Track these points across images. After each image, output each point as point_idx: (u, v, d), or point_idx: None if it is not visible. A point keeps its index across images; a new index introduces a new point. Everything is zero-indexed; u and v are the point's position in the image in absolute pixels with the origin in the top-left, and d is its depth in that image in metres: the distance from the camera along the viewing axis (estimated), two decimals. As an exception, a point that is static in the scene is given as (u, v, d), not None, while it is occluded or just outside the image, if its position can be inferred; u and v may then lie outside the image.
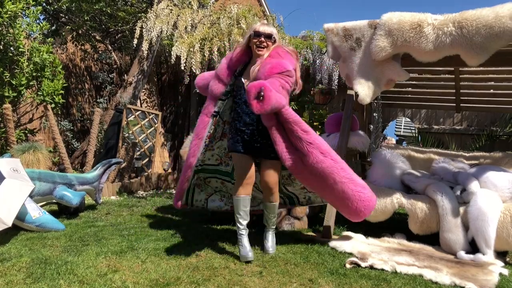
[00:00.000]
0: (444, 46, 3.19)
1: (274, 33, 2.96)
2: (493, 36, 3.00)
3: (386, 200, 3.63)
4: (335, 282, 2.50)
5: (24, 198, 3.23)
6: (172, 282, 2.35)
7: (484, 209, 3.17)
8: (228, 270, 2.60)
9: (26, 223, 3.37)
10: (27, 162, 4.97)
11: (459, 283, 2.56)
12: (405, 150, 4.75)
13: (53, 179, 3.93)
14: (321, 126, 6.80)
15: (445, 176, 3.88)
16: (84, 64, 8.46)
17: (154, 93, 8.20)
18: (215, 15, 5.85)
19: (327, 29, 3.74)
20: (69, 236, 3.29)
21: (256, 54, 2.96)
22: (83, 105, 8.22)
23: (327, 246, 3.28)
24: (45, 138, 7.02)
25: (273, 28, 3.01)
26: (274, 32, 2.98)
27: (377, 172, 4.08)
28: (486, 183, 3.47)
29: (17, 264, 2.54)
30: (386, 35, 3.36)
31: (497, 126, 6.43)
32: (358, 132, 4.32)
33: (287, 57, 2.93)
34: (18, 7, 5.28)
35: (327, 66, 6.82)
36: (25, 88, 5.60)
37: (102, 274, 2.42)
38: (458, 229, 3.28)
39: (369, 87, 3.50)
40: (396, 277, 2.64)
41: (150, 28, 5.57)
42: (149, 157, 6.91)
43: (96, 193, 4.48)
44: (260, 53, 2.93)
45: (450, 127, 6.84)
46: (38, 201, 3.76)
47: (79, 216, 4.13)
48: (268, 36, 2.93)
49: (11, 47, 5.50)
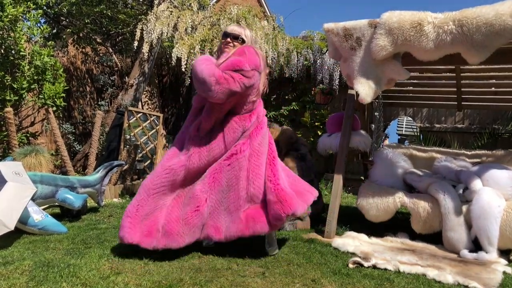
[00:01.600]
0: (445, 44, 3.18)
1: (242, 34, 3.01)
2: (493, 33, 2.99)
3: (389, 199, 3.62)
4: (338, 282, 2.49)
5: (26, 201, 3.24)
6: (175, 284, 2.35)
7: (486, 208, 3.16)
8: (231, 271, 2.60)
9: (28, 226, 3.38)
10: (29, 165, 4.98)
11: (463, 281, 2.56)
12: (407, 149, 4.74)
13: (55, 182, 3.94)
14: (323, 126, 6.80)
15: (447, 175, 3.87)
16: (85, 67, 8.47)
17: (155, 95, 8.20)
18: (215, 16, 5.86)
19: (327, 29, 3.74)
20: (71, 239, 3.29)
21: (223, 52, 3.00)
22: (85, 107, 8.23)
23: (330, 246, 3.27)
24: (47, 141, 7.03)
25: (244, 30, 3.05)
26: (244, 33, 3.02)
27: (379, 171, 4.07)
28: (488, 181, 3.46)
29: (20, 267, 2.54)
30: (386, 34, 3.35)
31: (499, 124, 6.42)
32: (359, 132, 4.31)
33: (251, 57, 2.87)
34: (19, 11, 5.29)
35: (328, 66, 6.82)
36: (27, 91, 5.60)
37: (105, 276, 2.42)
38: (461, 228, 3.27)
39: (369, 86, 3.50)
40: (399, 277, 2.64)
41: (151, 30, 5.58)
42: (151, 159, 6.91)
43: (98, 196, 4.48)
44: (225, 50, 2.98)
45: (452, 126, 6.83)
46: (40, 204, 3.77)
47: (82, 218, 4.13)
48: (235, 36, 2.99)
49: (12, 51, 5.51)
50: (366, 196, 3.73)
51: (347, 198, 5.94)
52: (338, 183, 3.75)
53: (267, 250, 3.02)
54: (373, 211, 3.67)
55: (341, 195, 3.94)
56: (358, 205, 3.78)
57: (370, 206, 3.68)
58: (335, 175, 3.80)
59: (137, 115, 6.77)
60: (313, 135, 7.01)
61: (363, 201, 3.73)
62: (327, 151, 4.28)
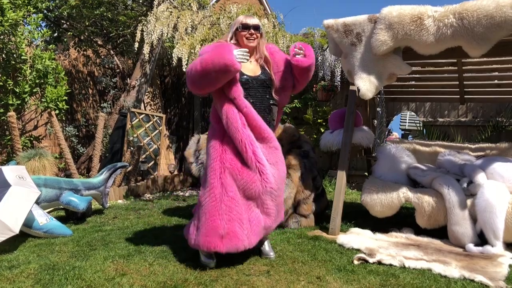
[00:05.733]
0: (446, 38, 3.16)
1: (260, 25, 2.92)
2: (494, 26, 2.97)
3: (393, 194, 3.61)
4: (343, 279, 2.49)
5: (31, 205, 3.25)
6: (180, 284, 2.35)
7: (491, 201, 3.14)
8: (236, 270, 2.60)
9: (33, 230, 3.39)
10: (33, 169, 5.00)
11: (468, 276, 2.55)
12: (410, 144, 4.72)
13: (59, 185, 3.95)
14: (325, 123, 6.78)
15: (451, 169, 3.85)
16: (87, 70, 8.50)
17: (158, 95, 8.21)
18: (215, 16, 5.85)
19: (327, 25, 3.73)
20: (76, 241, 3.30)
21: (247, 47, 2.84)
22: (87, 110, 8.25)
23: (335, 243, 3.27)
24: (50, 144, 7.05)
25: (257, 19, 2.95)
26: (260, 23, 2.94)
27: (383, 167, 4.06)
28: (493, 175, 3.44)
29: (26, 270, 2.55)
30: (386, 29, 3.34)
31: (503, 117, 6.37)
32: (362, 128, 4.30)
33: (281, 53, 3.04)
34: (19, 15, 5.31)
35: (329, 62, 6.80)
36: (29, 95, 5.63)
37: (110, 278, 2.43)
38: (466, 222, 3.26)
39: (370, 82, 3.48)
40: (405, 272, 2.63)
41: (151, 31, 5.58)
42: (155, 160, 6.92)
43: (103, 198, 4.50)
44: (251, 45, 2.86)
45: (455, 119, 6.79)
46: (45, 207, 3.78)
47: (86, 221, 4.15)
48: (256, 27, 2.86)
49: (14, 55, 5.53)
50: (370, 192, 3.72)
51: (351, 195, 5.92)
52: (342, 179, 3.74)
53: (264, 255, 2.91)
54: (377, 207, 3.66)
55: (345, 192, 3.93)
56: (362, 201, 3.77)
57: (374, 202, 3.67)
58: (339, 171, 3.79)
59: (139, 116, 6.78)
60: (316, 132, 7.00)
61: (367, 197, 3.72)
62: (330, 148, 4.27)
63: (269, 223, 2.75)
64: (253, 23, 2.85)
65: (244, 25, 2.84)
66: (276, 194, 2.72)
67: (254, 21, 2.87)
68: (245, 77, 2.80)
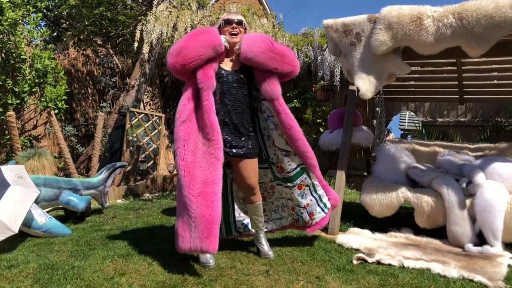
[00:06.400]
0: (445, 38, 3.16)
1: (243, 20, 2.90)
2: (493, 26, 2.97)
3: (392, 194, 3.61)
4: (342, 278, 2.49)
5: (30, 205, 3.25)
6: (179, 284, 2.35)
7: (490, 201, 3.15)
8: (235, 270, 2.60)
9: (32, 229, 3.39)
10: (33, 168, 4.99)
11: (467, 276, 2.55)
12: (409, 144, 4.73)
13: (58, 184, 3.95)
14: (324, 123, 6.78)
15: (450, 169, 3.86)
16: (87, 69, 8.49)
17: (157, 95, 8.20)
18: (214, 16, 5.85)
19: (326, 25, 3.73)
20: (75, 241, 3.30)
21: (231, 43, 2.84)
22: (87, 109, 8.25)
23: (334, 243, 3.27)
24: (50, 144, 7.05)
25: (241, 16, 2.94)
26: (243, 19, 2.91)
27: (382, 167, 4.06)
28: (492, 175, 3.44)
29: (25, 270, 2.55)
30: (386, 29, 3.34)
31: (502, 117, 6.37)
32: (361, 128, 4.30)
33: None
34: (18, 15, 5.30)
35: (329, 62, 6.81)
36: (28, 95, 5.62)
37: (109, 277, 2.42)
38: (465, 222, 3.26)
39: (370, 81, 3.49)
40: (404, 272, 2.63)
41: (150, 31, 5.57)
42: (154, 160, 6.92)
43: (102, 197, 4.49)
44: (235, 40, 2.84)
45: (454, 119, 6.80)
46: (44, 207, 3.78)
47: (86, 220, 4.15)
48: (239, 22, 2.86)
49: (13, 54, 5.53)
50: (369, 192, 3.72)
51: (350, 194, 5.93)
52: (341, 179, 3.75)
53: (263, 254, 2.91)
54: (376, 206, 3.66)
55: (344, 192, 3.93)
56: (361, 201, 3.77)
57: (374, 202, 3.67)
58: (338, 171, 3.79)
59: (139, 115, 6.78)
60: (315, 132, 7.00)
61: (366, 197, 3.72)
62: (329, 148, 4.27)
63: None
64: (235, 18, 2.87)
65: (226, 21, 2.87)
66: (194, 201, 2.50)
67: (237, 16, 2.89)
68: (222, 72, 2.81)
